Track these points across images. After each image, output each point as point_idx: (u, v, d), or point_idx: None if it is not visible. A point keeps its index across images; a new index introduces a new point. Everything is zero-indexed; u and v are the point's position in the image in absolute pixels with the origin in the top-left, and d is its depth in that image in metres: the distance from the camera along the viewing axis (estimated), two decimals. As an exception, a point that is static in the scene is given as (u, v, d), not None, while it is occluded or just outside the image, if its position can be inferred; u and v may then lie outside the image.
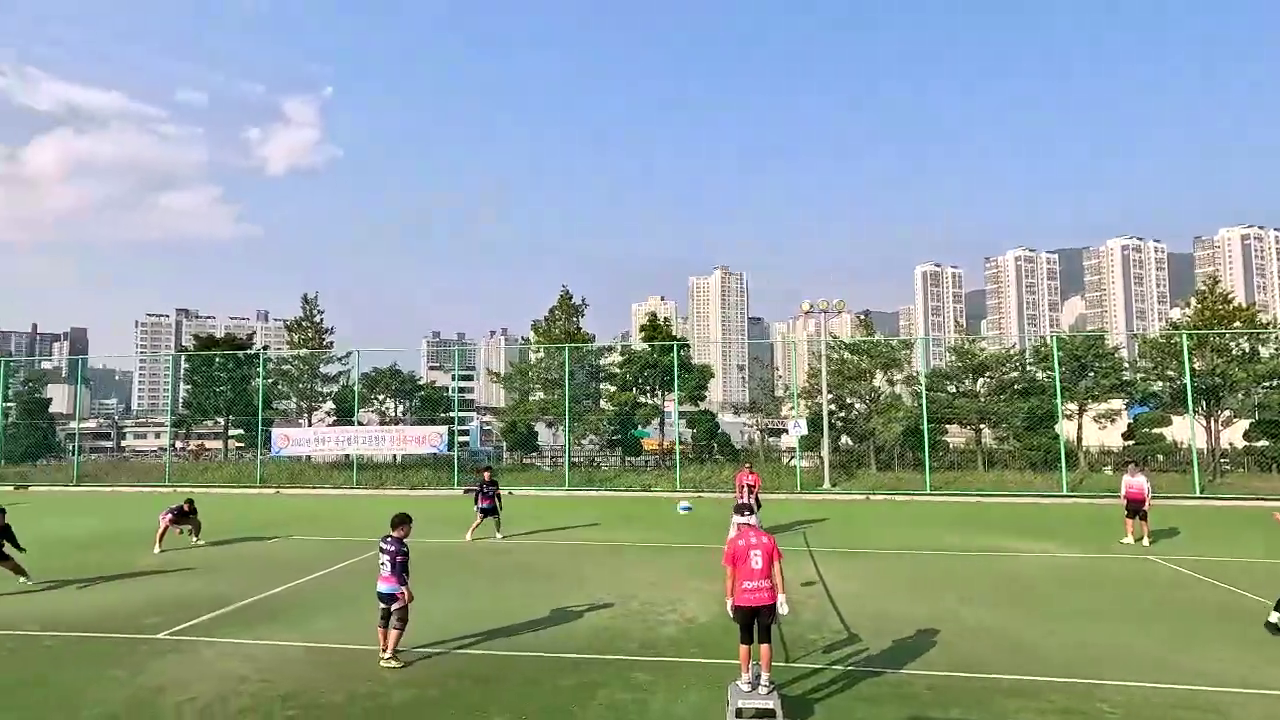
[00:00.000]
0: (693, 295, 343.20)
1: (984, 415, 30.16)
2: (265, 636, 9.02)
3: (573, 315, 36.79)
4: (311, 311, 37.93)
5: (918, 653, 8.28)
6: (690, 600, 10.72)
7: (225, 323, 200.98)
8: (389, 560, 8.09)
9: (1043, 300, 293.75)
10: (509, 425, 36.27)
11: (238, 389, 35.55)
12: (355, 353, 34.60)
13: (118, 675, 7.69)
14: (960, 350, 31.96)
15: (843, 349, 32.64)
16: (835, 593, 11.13)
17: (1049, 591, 11.36)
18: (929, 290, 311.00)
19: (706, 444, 34.22)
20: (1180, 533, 17.29)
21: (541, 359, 35.81)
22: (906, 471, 28.96)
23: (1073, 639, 8.83)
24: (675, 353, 31.08)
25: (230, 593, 11.23)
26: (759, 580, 6.83)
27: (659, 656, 8.24)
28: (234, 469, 32.65)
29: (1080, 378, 29.51)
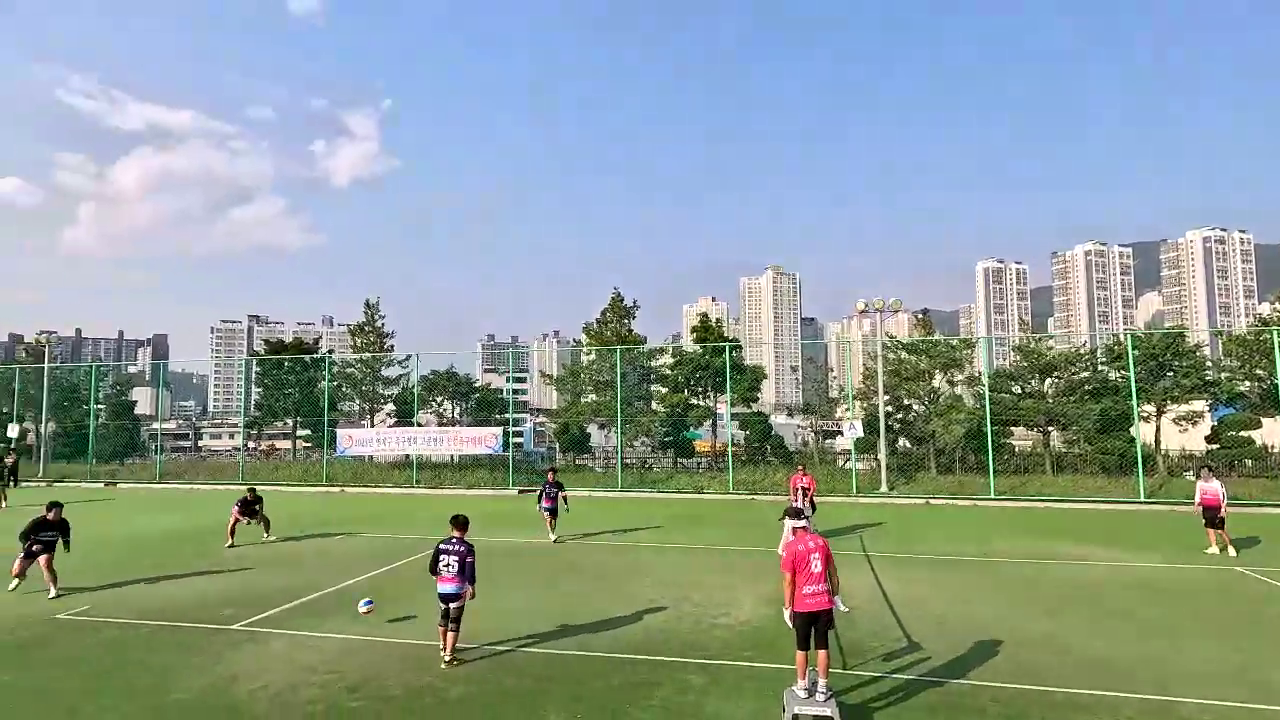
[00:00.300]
0: (744, 296, 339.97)
1: (1052, 417, 28.87)
2: (332, 629, 9.38)
3: (624, 317, 36.96)
4: (373, 316, 39.23)
5: (982, 662, 8.00)
6: (743, 602, 10.63)
7: (293, 328, 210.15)
8: (458, 561, 8.12)
9: (1115, 296, 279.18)
10: (562, 426, 36.70)
11: (305, 391, 37.06)
12: (414, 356, 35.63)
13: (199, 662, 8.14)
14: (1026, 349, 30.69)
15: (900, 349, 31.79)
16: (894, 599, 10.85)
17: (1124, 602, 10.79)
18: (991, 287, 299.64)
19: (759, 446, 33.87)
20: (1271, 542, 16.18)
21: (593, 361, 36.09)
22: (969, 475, 27.97)
23: (1151, 653, 8.37)
24: (727, 354, 30.87)
25: (299, 586, 11.72)
26: (818, 584, 6.75)
27: (712, 659, 8.20)
28: (302, 468, 34.04)
29: (1158, 378, 27.94)
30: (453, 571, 8.10)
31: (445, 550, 8.20)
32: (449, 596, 8.10)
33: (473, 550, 8.30)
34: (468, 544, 8.32)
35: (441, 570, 8.13)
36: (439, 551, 8.22)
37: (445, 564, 8.13)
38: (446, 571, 8.11)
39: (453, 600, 8.09)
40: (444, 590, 8.11)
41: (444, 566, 8.13)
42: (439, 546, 8.28)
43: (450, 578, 8.09)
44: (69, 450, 38.78)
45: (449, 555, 8.16)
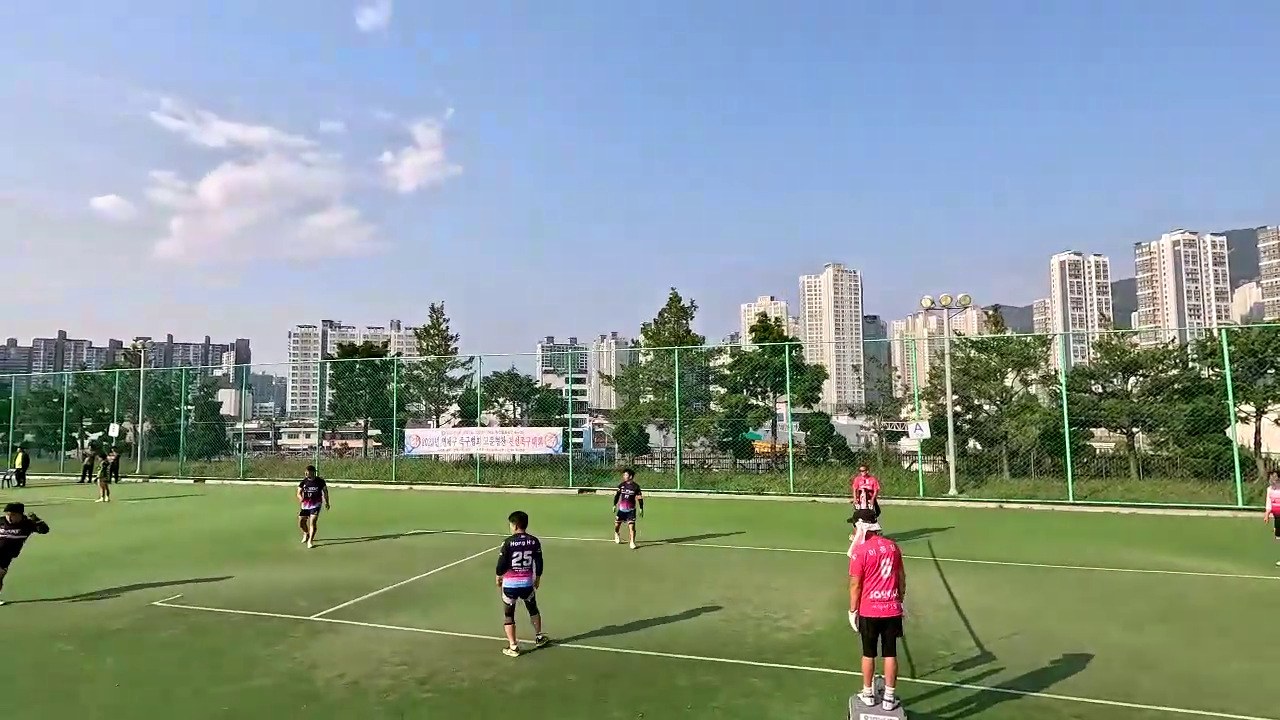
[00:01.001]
0: (804, 294, 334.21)
1: (1137, 418, 27.21)
2: (403, 622, 9.72)
3: (682, 317, 36.89)
4: (438, 320, 40.44)
5: (1062, 676, 7.62)
6: (804, 606, 10.45)
7: (364, 332, 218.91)
8: (532, 556, 8.43)
9: (1207, 288, 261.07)
10: (621, 427, 36.92)
11: (375, 393, 38.54)
12: (477, 358, 36.55)
13: (280, 650, 8.57)
14: (1107, 346, 29.04)
15: (969, 347, 30.62)
16: (966, 607, 10.45)
17: (1223, 616, 10.08)
18: (1068, 281, 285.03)
19: (821, 447, 33.21)
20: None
21: (651, 361, 36.16)
22: (1045, 479, 26.66)
23: (1249, 671, 7.79)
24: (786, 353, 30.42)
25: (371, 580, 12.19)
26: (888, 590, 6.57)
27: (774, 663, 8.09)
28: (372, 466, 35.40)
29: (1258, 375, 25.95)
30: (527, 566, 8.39)
31: (518, 547, 8.42)
32: (522, 591, 8.36)
33: (540, 545, 8.65)
34: (535, 538, 8.61)
35: (515, 566, 8.33)
36: (510, 550, 8.39)
37: (519, 560, 8.36)
38: (521, 568, 8.35)
39: (525, 594, 8.40)
40: (517, 585, 8.34)
41: (518, 563, 8.34)
42: (509, 545, 8.44)
43: (524, 573, 8.37)
44: (162, 449, 41.49)
45: (522, 551, 8.41)
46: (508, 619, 8.34)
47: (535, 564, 8.49)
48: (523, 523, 8.74)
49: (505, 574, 8.36)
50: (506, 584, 8.35)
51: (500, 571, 8.40)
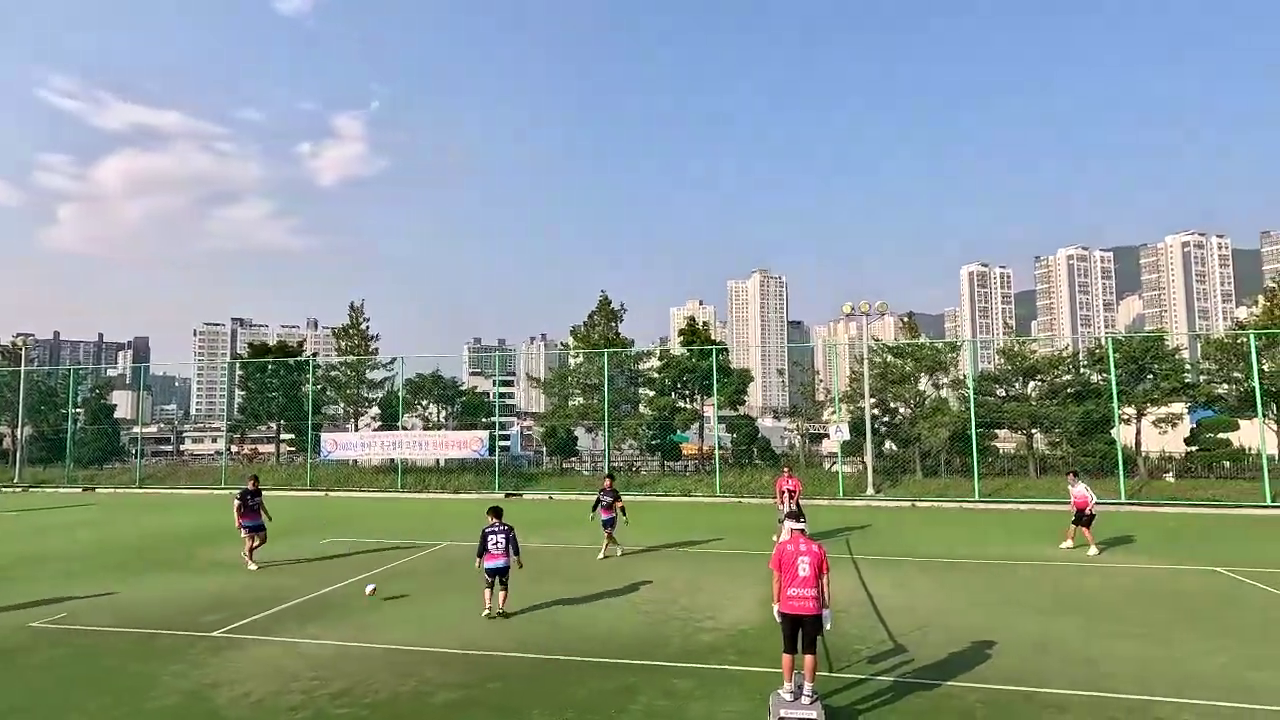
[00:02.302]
0: (732, 299, 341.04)
1: (1036, 420, 29.15)
2: (316, 635, 9.26)
3: (611, 320, 36.92)
4: (358, 319, 38.91)
5: (969, 665, 8.03)
6: (731, 606, 10.63)
7: (277, 330, 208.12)
8: (505, 538, 9.98)
9: (1097, 300, 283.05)
10: (549, 430, 36.58)
11: (289, 395, 36.66)
12: (400, 359, 35.39)
13: (178, 670, 8.00)
14: (1010, 352, 30.99)
15: (886, 352, 32.00)
16: (881, 602, 10.89)
17: (1110, 603, 10.90)
18: (976, 291, 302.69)
19: (746, 449, 33.93)
20: (1250, 543, 16.44)
21: (581, 364, 36.01)
22: (954, 478, 28.19)
23: (1136, 654, 8.45)
24: (714, 357, 30.93)
25: (282, 591, 11.57)
26: (805, 588, 6.73)
27: (698, 663, 8.18)
28: (285, 472, 33.69)
29: (1139, 380, 28.30)
30: (501, 548, 9.94)
31: (492, 532, 10.01)
32: (500, 570, 9.91)
33: (513, 529, 10.21)
34: (509, 525, 10.24)
35: (491, 549, 9.91)
36: (486, 536, 9.99)
37: (494, 543, 9.93)
38: (495, 549, 9.91)
39: (502, 573, 9.94)
40: (495, 565, 9.89)
41: (493, 545, 9.93)
42: (485, 532, 10.05)
43: (499, 554, 9.92)
44: (46, 455, 38.13)
45: (496, 535, 9.98)
46: (487, 587, 9.96)
47: (510, 546, 10.01)
48: (497, 514, 10.33)
49: (484, 556, 9.92)
50: (486, 565, 9.89)
51: (479, 555, 9.98)
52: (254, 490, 14.13)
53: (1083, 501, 15.29)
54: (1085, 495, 15.30)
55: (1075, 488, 15.56)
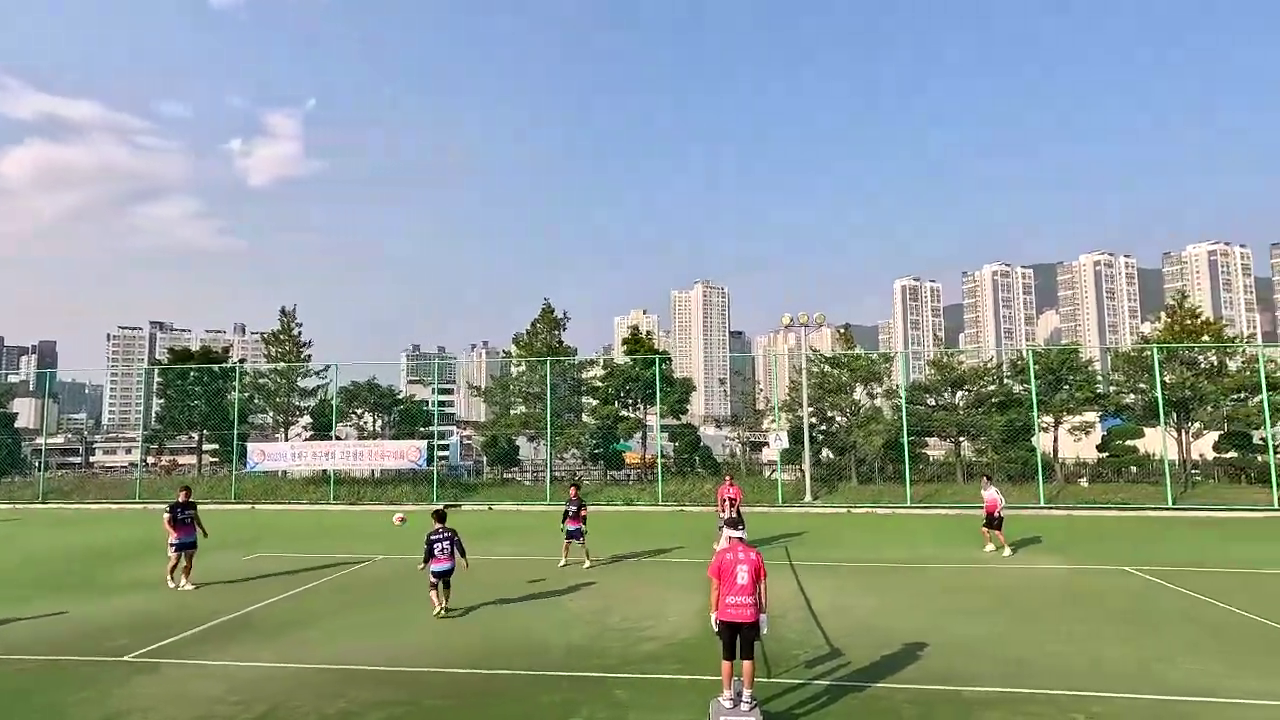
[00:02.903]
0: (675, 309, 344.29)
1: (963, 428, 30.48)
2: (240, 656, 8.81)
3: (554, 328, 36.70)
4: (289, 324, 37.43)
5: (900, 666, 8.29)
6: (672, 615, 10.66)
7: (201, 335, 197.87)
8: (449, 543, 10.38)
9: (1019, 314, 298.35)
10: (490, 439, 35.99)
11: (213, 403, 34.90)
12: (334, 366, 34.19)
13: (86, 698, 7.47)
14: (939, 364, 32.33)
15: (823, 362, 32.88)
16: (818, 607, 11.12)
17: (1030, 603, 11.45)
18: (908, 304, 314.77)
19: (688, 457, 34.20)
20: (1155, 543, 17.57)
21: (523, 372, 35.62)
22: (887, 484, 29.13)
23: (1053, 650, 8.90)
24: (657, 366, 31.11)
25: (203, 611, 10.97)
26: (743, 596, 6.81)
27: (639, 673, 8.17)
28: (207, 485, 31.98)
29: (1055, 391, 29.96)
30: (447, 552, 10.35)
31: (437, 539, 10.38)
32: (444, 573, 10.36)
33: (457, 533, 10.62)
34: (453, 529, 10.60)
35: (437, 554, 10.32)
36: (432, 542, 10.37)
37: (440, 548, 10.31)
38: (442, 554, 10.33)
39: (447, 575, 10.40)
40: (441, 569, 10.34)
41: (439, 550, 10.31)
42: (430, 538, 10.42)
43: (445, 558, 10.34)
44: (-65, 468, 35.10)
45: (442, 540, 10.38)
46: (432, 589, 10.44)
47: (455, 549, 10.44)
48: (441, 518, 10.72)
49: (430, 561, 10.32)
50: (433, 569, 10.32)
51: (426, 560, 10.38)
52: (185, 502, 13.08)
53: (992, 505, 16.05)
54: (995, 499, 16.06)
55: (986, 491, 16.32)
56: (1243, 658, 8.58)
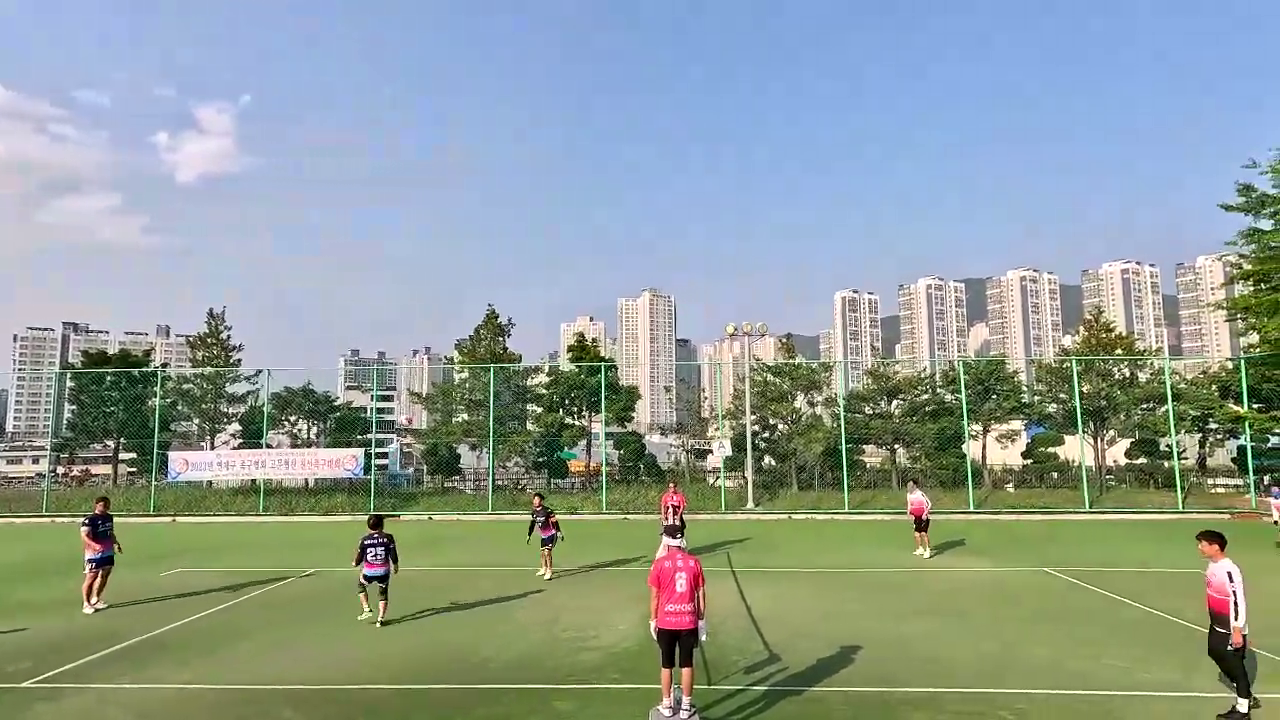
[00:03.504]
0: (621, 317, 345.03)
1: (898, 436, 31.52)
2: (153, 679, 8.31)
3: (499, 335, 36.24)
4: (218, 327, 35.78)
5: (836, 669, 8.47)
6: (615, 624, 10.61)
7: (120, 338, 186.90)
8: (383, 550, 10.36)
9: (951, 327, 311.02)
10: (430, 447, 35.20)
11: (131, 410, 33.02)
12: (266, 371, 32.83)
13: (-26, 730, 6.90)
14: (876, 373, 33.37)
15: (766, 371, 33.48)
16: (758, 613, 11.26)
17: (958, 604, 11.89)
18: (848, 315, 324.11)
19: (633, 465, 34.23)
20: (1073, 545, 18.51)
21: (466, 379, 35.02)
22: (826, 491, 29.82)
23: (979, 649, 9.25)
24: (603, 374, 31.07)
25: (114, 631, 10.31)
26: (682, 604, 6.83)
27: (580, 683, 8.09)
28: (124, 496, 30.16)
29: (984, 400, 31.34)
30: (380, 558, 10.34)
31: (371, 544, 10.33)
32: (378, 578, 10.34)
33: (392, 539, 10.58)
34: (388, 535, 10.55)
35: (370, 559, 10.29)
36: (365, 545, 10.32)
37: (373, 554, 10.29)
38: (375, 559, 10.29)
39: (381, 580, 10.36)
40: (373, 574, 10.32)
41: (372, 555, 10.28)
42: (364, 541, 10.37)
43: (379, 563, 10.32)
44: None
45: (375, 546, 10.32)
46: (361, 591, 10.45)
47: (388, 556, 10.41)
48: (375, 524, 10.61)
49: (363, 564, 10.32)
50: (366, 572, 10.32)
51: (357, 563, 10.38)
52: (103, 515, 12.30)
53: (919, 508, 16.62)
54: (922, 502, 16.66)
55: (913, 495, 16.91)
56: (1151, 652, 9.11)
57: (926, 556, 16.17)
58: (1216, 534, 7.35)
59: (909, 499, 17.08)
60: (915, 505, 16.76)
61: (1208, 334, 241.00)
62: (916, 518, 16.76)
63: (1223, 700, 7.26)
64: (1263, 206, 25.97)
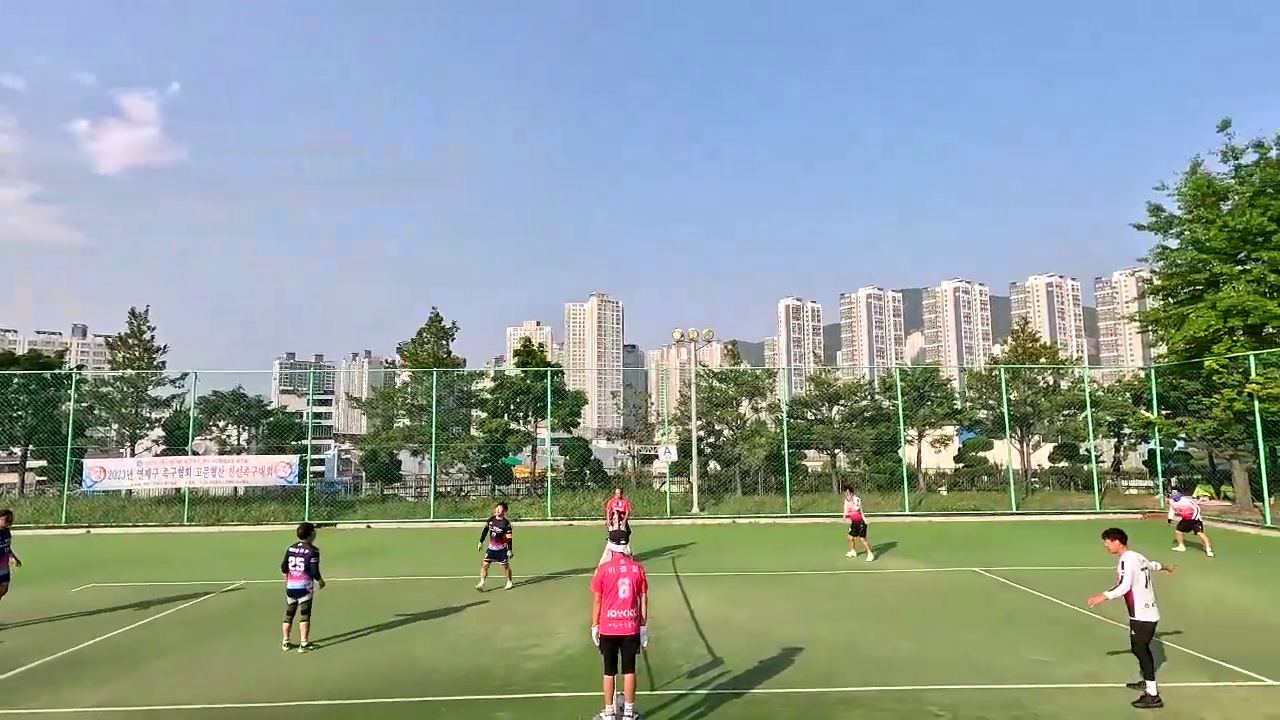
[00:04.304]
0: (569, 321, 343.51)
1: (838, 441, 32.34)
2: (58, 702, 7.80)
3: (443, 338, 35.53)
4: (140, 327, 33.90)
5: (777, 671, 8.61)
6: (559, 632, 10.53)
7: (30, 337, 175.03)
8: (303, 562, 9.64)
9: (889, 335, 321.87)
10: (370, 453, 34.20)
11: (41, 414, 30.92)
12: (193, 374, 31.25)
13: None
14: (817, 380, 34.18)
15: (712, 377, 33.87)
16: (702, 618, 11.36)
17: (893, 605, 12.26)
18: (791, 323, 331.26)
19: (579, 471, 34.05)
20: (1001, 546, 19.34)
21: (408, 384, 34.17)
22: (770, 495, 30.32)
23: (911, 648, 9.57)
24: (549, 379, 30.84)
25: (25, 652, 9.63)
26: (625, 610, 6.83)
27: (522, 693, 7.99)
28: (32, 507, 28.20)
29: (920, 406, 32.48)
30: (300, 570, 9.65)
31: (294, 553, 9.71)
32: (298, 592, 9.64)
33: (317, 553, 9.84)
34: (313, 548, 9.82)
35: (291, 569, 9.67)
36: (289, 555, 9.74)
37: (294, 564, 9.64)
38: (295, 571, 9.64)
39: (301, 595, 9.64)
40: (293, 586, 9.64)
41: (293, 565, 9.65)
42: (288, 550, 9.78)
43: (299, 575, 9.64)
44: None
45: (296, 557, 9.69)
46: (285, 619, 9.67)
47: (308, 569, 9.64)
48: (303, 533, 9.95)
49: (286, 575, 9.73)
50: (287, 585, 9.69)
51: (284, 571, 9.80)
52: (4, 529, 11.44)
53: (855, 515, 17.19)
54: (858, 509, 17.29)
55: (851, 502, 17.50)
56: (1070, 647, 9.61)
57: (870, 560, 16.63)
58: (1117, 531, 8.19)
59: (847, 505, 17.62)
60: (853, 512, 17.28)
61: (1123, 345, 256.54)
62: (855, 523, 17.25)
63: (1134, 692, 7.74)
64: (1170, 226, 27.87)
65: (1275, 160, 25.54)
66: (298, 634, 9.65)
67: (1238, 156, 26.34)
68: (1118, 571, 7.86)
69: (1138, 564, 7.72)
